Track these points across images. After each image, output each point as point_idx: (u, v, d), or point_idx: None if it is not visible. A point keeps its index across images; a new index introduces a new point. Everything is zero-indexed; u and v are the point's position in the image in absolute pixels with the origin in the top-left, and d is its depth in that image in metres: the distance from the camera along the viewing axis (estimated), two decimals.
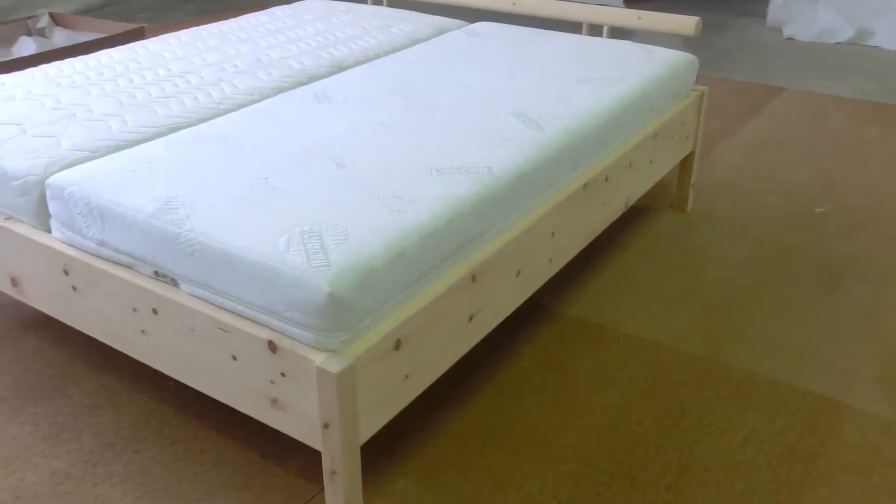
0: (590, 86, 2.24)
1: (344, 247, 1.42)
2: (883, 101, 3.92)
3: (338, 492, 1.44)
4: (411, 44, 2.72)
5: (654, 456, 1.75)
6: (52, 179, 1.70)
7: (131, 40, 4.43)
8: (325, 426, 1.39)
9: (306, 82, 2.34)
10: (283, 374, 1.41)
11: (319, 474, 1.68)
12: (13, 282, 1.86)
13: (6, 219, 1.82)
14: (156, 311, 1.57)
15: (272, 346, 1.41)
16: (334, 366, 1.33)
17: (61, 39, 4.59)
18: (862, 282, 2.39)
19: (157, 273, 1.57)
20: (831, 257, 2.53)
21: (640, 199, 2.89)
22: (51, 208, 1.72)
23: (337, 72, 2.44)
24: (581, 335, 2.15)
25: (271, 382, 1.44)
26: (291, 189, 1.62)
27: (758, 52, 4.81)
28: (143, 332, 1.63)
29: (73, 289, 1.72)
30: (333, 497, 1.45)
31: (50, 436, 1.78)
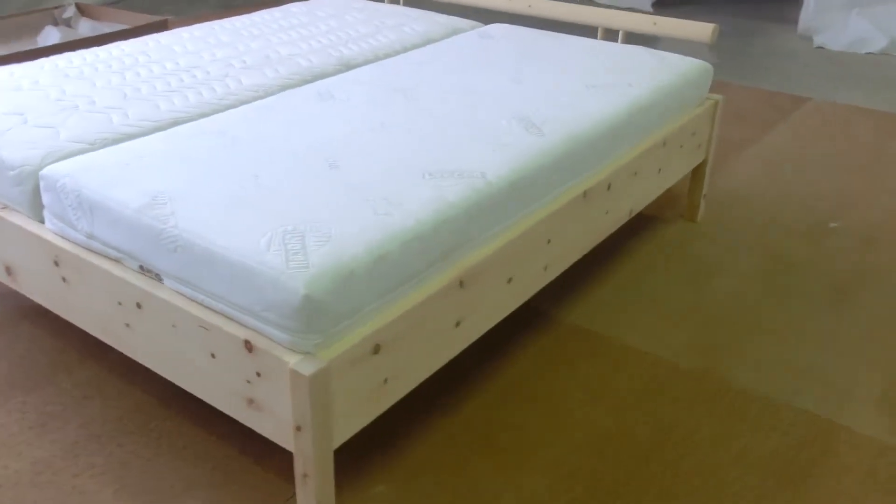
0: (597, 92, 2.20)
1: (325, 248, 1.40)
2: None
3: (309, 495, 1.42)
4: (423, 44, 2.70)
5: (638, 472, 1.71)
6: (46, 171, 1.71)
7: (154, 32, 4.47)
8: (297, 428, 1.38)
9: (312, 80, 2.33)
10: (259, 374, 1.41)
11: None
12: (7, 271, 1.88)
13: (3, 208, 1.84)
14: (140, 305, 1.57)
15: (248, 346, 1.40)
16: (307, 368, 1.32)
17: (86, 30, 4.64)
18: (871, 300, 2.33)
19: (142, 268, 1.57)
20: (841, 274, 2.47)
21: (650, 207, 2.85)
22: (44, 199, 1.72)
23: (344, 70, 2.43)
24: (578, 344, 2.12)
25: (248, 382, 1.44)
26: (281, 188, 1.61)
27: (786, 60, 4.72)
28: (127, 325, 1.63)
29: (63, 280, 1.72)
30: (305, 500, 1.44)
31: (36, 425, 1.79)
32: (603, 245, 2.58)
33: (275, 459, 1.71)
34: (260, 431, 1.47)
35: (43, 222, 1.77)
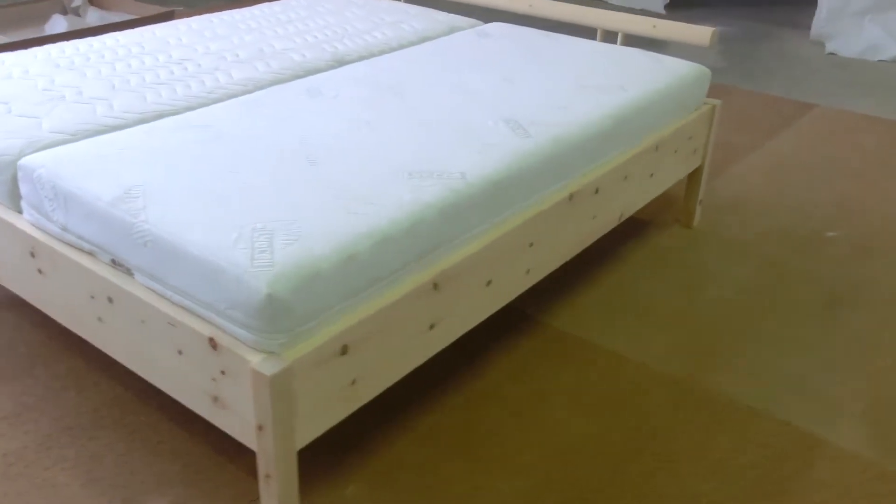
0: (590, 93, 2.18)
1: (293, 247, 1.39)
2: None
3: (272, 495, 1.41)
4: (419, 41, 2.68)
5: (613, 480, 1.69)
6: (25, 161, 1.70)
7: (161, 23, 4.48)
8: (259, 428, 1.36)
9: (303, 76, 2.32)
10: (224, 372, 1.39)
11: None
12: None
13: None
14: (111, 299, 1.56)
15: (213, 344, 1.39)
16: (269, 368, 1.31)
17: (94, 19, 4.66)
18: (863, 311, 2.30)
19: (114, 261, 1.57)
20: (835, 284, 2.43)
21: (645, 212, 2.81)
22: (21, 190, 1.72)
23: (337, 66, 2.41)
24: (562, 349, 2.09)
25: (213, 380, 1.42)
26: (257, 184, 1.59)
27: (795, 66, 4.67)
28: (100, 319, 1.62)
29: (40, 272, 1.72)
30: (268, 500, 1.43)
31: (10, 416, 1.79)
32: (593, 249, 2.55)
33: (248, 458, 1.70)
34: (225, 430, 1.46)
35: (21, 213, 1.76)
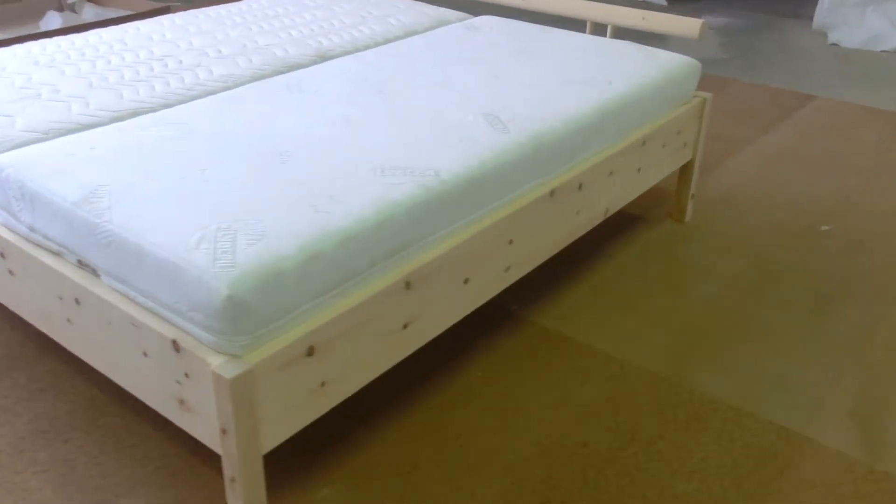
0: (575, 88, 2.14)
1: (256, 247, 1.36)
2: None
3: (238, 499, 1.39)
4: (405, 36, 2.65)
5: (592, 481, 1.66)
6: None
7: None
8: (223, 432, 1.34)
9: (285, 71, 2.29)
10: (187, 375, 1.37)
11: None
12: None
13: None
14: (78, 301, 1.54)
15: (176, 346, 1.36)
16: (229, 371, 1.28)
17: (90, 15, 4.64)
18: (855, 307, 2.26)
19: (80, 262, 1.54)
20: (828, 279, 2.39)
21: (636, 207, 2.78)
22: None
23: (320, 62, 2.38)
24: (545, 347, 2.06)
25: (178, 382, 1.40)
26: (225, 183, 1.57)
27: (797, 57, 4.61)
28: (68, 320, 1.60)
29: (10, 273, 1.70)
30: None
31: None
32: (581, 244, 2.52)
33: (221, 460, 1.68)
34: (192, 433, 1.44)
35: None
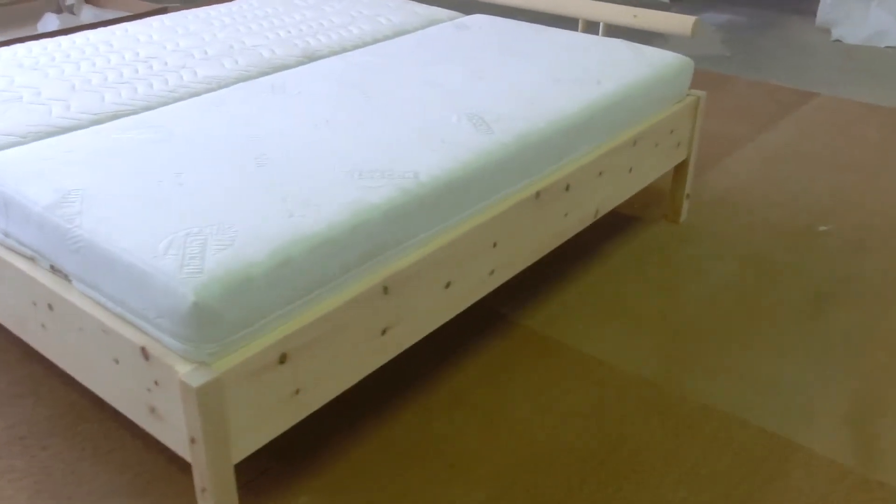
0: (562, 87, 2.10)
1: (225, 253, 1.33)
2: None
3: None
4: (395, 35, 2.62)
5: (577, 489, 1.63)
6: None
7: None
8: (192, 441, 1.31)
9: (270, 72, 2.26)
10: (157, 382, 1.34)
11: None
12: None
13: None
14: (51, 306, 1.52)
15: (145, 353, 1.34)
16: (197, 379, 1.25)
17: (88, 17, 4.63)
18: (852, 310, 2.21)
19: (52, 268, 1.52)
20: (824, 282, 2.34)
21: (630, 207, 2.74)
22: None
23: (306, 62, 2.35)
24: (534, 351, 2.03)
25: (148, 390, 1.38)
26: (199, 187, 1.54)
27: (799, 53, 4.55)
28: (43, 326, 1.58)
29: None
30: None
31: None
32: (573, 246, 2.48)
33: None
34: (163, 441, 1.41)
35: None
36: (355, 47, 2.50)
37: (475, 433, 1.77)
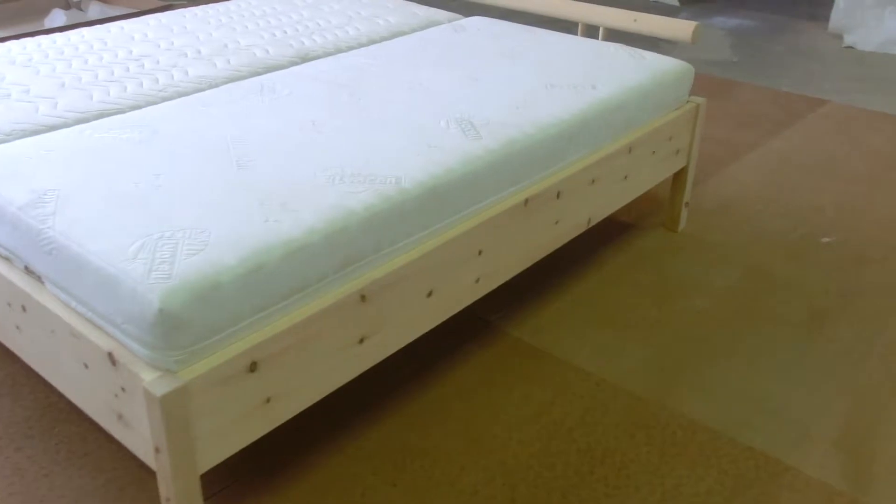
0: (556, 92, 2.07)
1: (196, 258, 1.31)
2: None
3: None
4: (391, 37, 2.59)
5: None
6: None
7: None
8: (156, 450, 1.29)
9: (262, 73, 2.24)
10: (124, 389, 1.32)
11: None
12: None
13: None
14: (24, 308, 1.50)
15: (112, 359, 1.31)
16: (161, 388, 1.23)
17: (95, 13, 4.63)
18: (850, 325, 2.16)
19: (27, 269, 1.50)
20: (823, 296, 2.29)
21: (628, 214, 2.70)
22: None
23: (299, 63, 2.33)
24: (521, 361, 1.99)
25: (115, 396, 1.35)
26: (177, 188, 1.51)
27: (810, 59, 4.49)
28: (17, 327, 1.56)
29: None
30: None
31: None
32: (567, 253, 2.44)
33: None
34: (130, 448, 1.38)
35: None
36: (350, 48, 2.47)
37: (456, 444, 1.73)
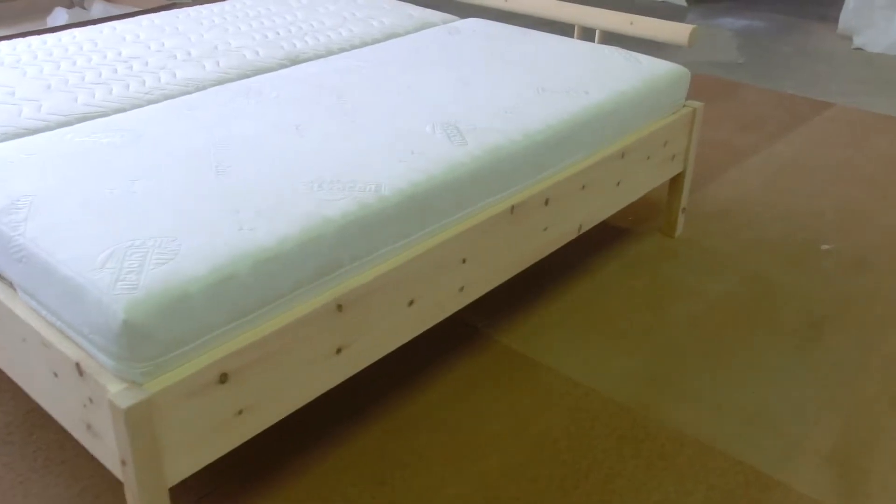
0: (547, 97, 2.03)
1: (164, 267, 1.28)
2: None
3: None
4: (384, 39, 2.56)
5: None
6: None
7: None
8: (122, 463, 1.26)
9: (251, 75, 2.21)
10: (91, 400, 1.30)
11: None
12: None
13: None
14: None
15: (79, 370, 1.29)
16: (125, 400, 1.20)
17: (98, 11, 4.62)
18: (847, 336, 2.12)
19: (0, 276, 1.48)
20: (822, 303, 2.25)
21: (624, 220, 2.66)
22: None
23: (288, 65, 2.30)
24: (509, 370, 1.96)
25: (84, 406, 1.33)
26: (153, 195, 1.49)
27: (818, 61, 4.43)
28: None
29: None
30: None
31: None
32: (560, 259, 2.41)
33: None
34: (100, 459, 1.36)
35: None
36: (342, 50, 2.44)
37: (439, 455, 1.70)
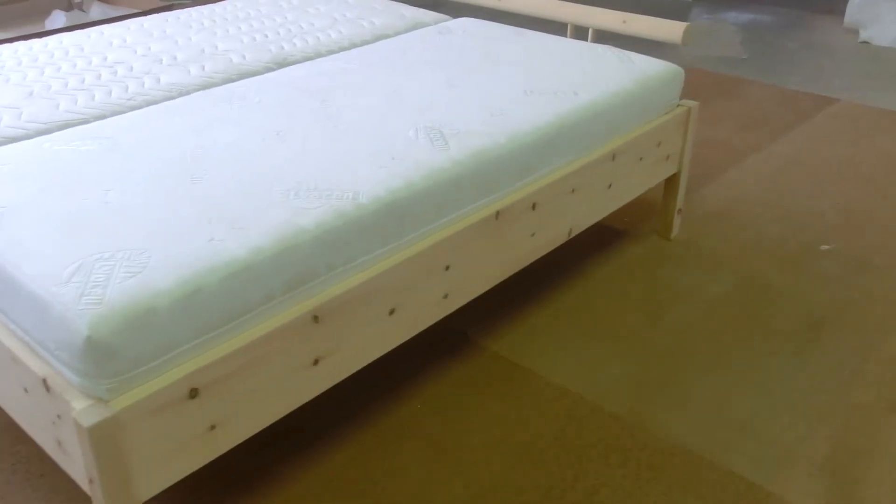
0: (535, 98, 1.99)
1: (131, 281, 1.26)
2: None
3: None
4: (374, 40, 2.53)
5: None
6: None
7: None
8: (89, 481, 1.24)
9: (235, 79, 2.18)
10: (59, 416, 1.27)
11: None
12: None
13: None
14: None
15: (46, 386, 1.27)
16: (89, 418, 1.18)
17: (97, 14, 4.61)
18: (845, 341, 2.07)
19: None
20: (819, 307, 2.20)
21: (619, 221, 2.62)
22: None
23: (275, 68, 2.27)
24: (495, 377, 1.93)
25: (53, 423, 1.31)
26: (125, 206, 1.46)
27: (823, 55, 4.36)
28: None
29: None
30: None
31: None
32: (553, 262, 2.37)
33: None
34: (71, 475, 1.34)
35: None
36: (330, 52, 2.41)
37: (423, 466, 1.67)
